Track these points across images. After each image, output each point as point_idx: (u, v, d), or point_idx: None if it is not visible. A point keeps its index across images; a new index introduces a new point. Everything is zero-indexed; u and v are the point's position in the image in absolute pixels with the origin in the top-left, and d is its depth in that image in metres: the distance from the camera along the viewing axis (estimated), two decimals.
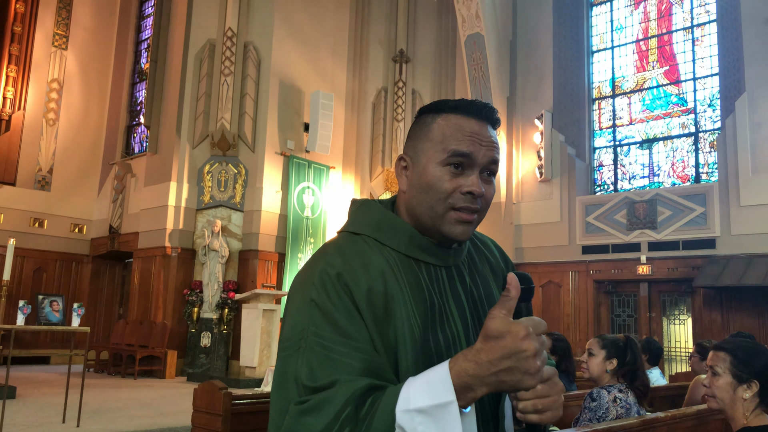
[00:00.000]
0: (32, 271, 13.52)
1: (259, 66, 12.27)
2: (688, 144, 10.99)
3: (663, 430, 2.88)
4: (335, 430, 0.94)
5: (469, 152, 1.13)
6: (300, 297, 1.10)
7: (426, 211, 1.15)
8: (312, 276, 1.10)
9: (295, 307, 1.10)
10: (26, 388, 8.49)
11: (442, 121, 1.16)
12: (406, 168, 1.19)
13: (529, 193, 12.14)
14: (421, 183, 1.15)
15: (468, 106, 1.16)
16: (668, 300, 10.69)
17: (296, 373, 1.03)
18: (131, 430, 5.99)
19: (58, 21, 14.54)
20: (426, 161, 1.15)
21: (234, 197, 11.91)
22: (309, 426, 0.96)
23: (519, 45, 12.75)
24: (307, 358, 1.02)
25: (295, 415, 0.98)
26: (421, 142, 1.17)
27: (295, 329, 1.07)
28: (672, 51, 11.45)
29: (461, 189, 1.13)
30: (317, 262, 1.12)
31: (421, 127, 1.19)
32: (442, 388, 0.93)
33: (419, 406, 0.92)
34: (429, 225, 1.16)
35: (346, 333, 1.04)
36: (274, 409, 1.06)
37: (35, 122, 14.02)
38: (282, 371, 1.06)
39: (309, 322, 1.05)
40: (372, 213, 1.21)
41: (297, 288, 1.13)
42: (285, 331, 1.10)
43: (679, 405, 4.07)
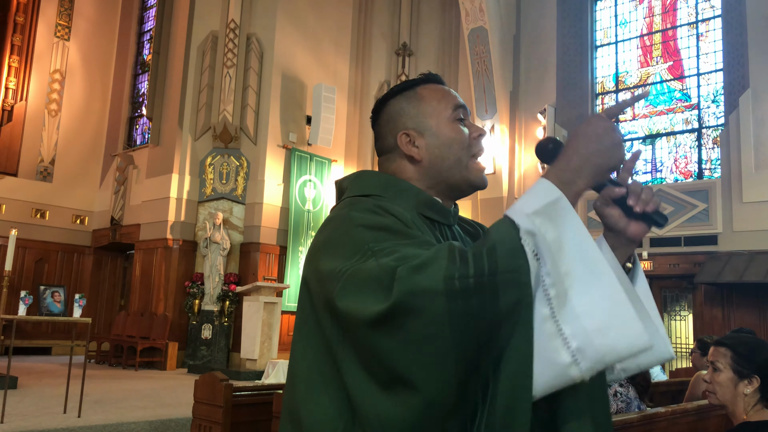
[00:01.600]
0: (34, 262, 13.55)
1: (262, 58, 12.24)
2: (691, 140, 10.96)
3: (663, 425, 2.88)
4: (458, 266, 0.88)
5: (464, 104, 1.24)
6: (341, 237, 1.02)
7: (454, 165, 1.20)
8: (345, 220, 1.05)
9: (334, 246, 1.02)
10: (28, 379, 8.52)
11: (425, 90, 1.24)
12: (412, 141, 1.22)
13: None
14: (442, 141, 1.20)
15: (433, 76, 1.27)
16: (669, 296, 10.69)
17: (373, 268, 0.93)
18: (132, 420, 6.01)
19: (60, 11, 14.51)
20: (436, 123, 1.21)
21: (236, 190, 11.91)
22: (432, 275, 0.87)
23: (522, 39, 12.71)
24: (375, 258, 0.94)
25: (408, 274, 0.88)
26: (420, 110, 1.23)
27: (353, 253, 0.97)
28: (676, 46, 11.40)
29: (473, 135, 1.22)
30: (341, 214, 1.08)
31: (409, 101, 1.24)
32: (547, 189, 0.96)
33: (533, 209, 0.93)
34: (457, 179, 1.21)
35: (413, 235, 1.01)
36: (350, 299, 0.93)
37: (37, 113, 14.02)
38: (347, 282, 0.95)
39: (367, 240, 0.98)
40: (374, 177, 1.22)
41: (330, 239, 1.05)
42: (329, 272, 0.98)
43: (679, 400, 4.08)
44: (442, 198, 1.23)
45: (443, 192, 1.23)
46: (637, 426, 2.72)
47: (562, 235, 0.92)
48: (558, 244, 0.91)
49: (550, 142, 1.08)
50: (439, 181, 1.21)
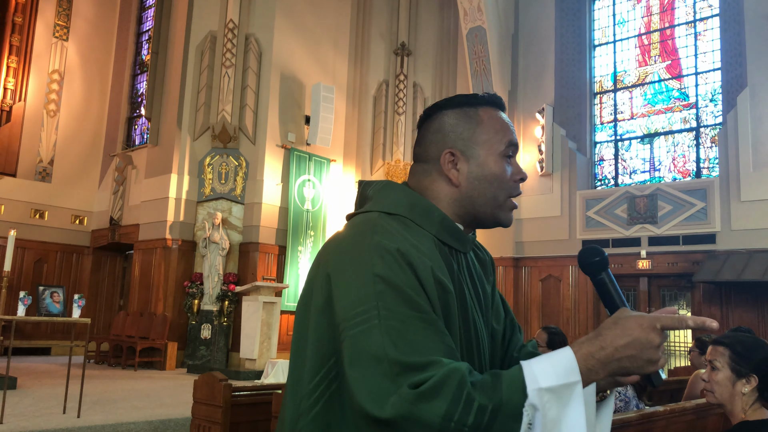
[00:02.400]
0: (33, 262, 13.54)
1: (261, 58, 12.24)
2: (689, 139, 10.98)
3: (662, 423, 2.89)
4: (460, 410, 0.91)
5: (517, 142, 1.23)
6: (358, 271, 1.05)
7: (489, 201, 1.21)
8: (367, 250, 1.06)
9: (354, 282, 1.04)
10: (27, 379, 8.52)
11: (486, 115, 1.23)
12: (455, 162, 1.21)
13: (530, 187, 12.13)
14: (485, 175, 1.20)
15: (499, 101, 1.26)
16: (668, 295, 10.70)
17: (379, 350, 0.97)
18: (132, 420, 6.01)
19: (59, 12, 14.50)
20: (486, 153, 1.21)
21: (235, 190, 11.91)
22: (432, 410, 0.91)
23: (521, 39, 12.72)
24: (388, 334, 0.98)
25: (412, 400, 0.92)
26: (474, 134, 1.21)
27: (362, 305, 1.01)
28: (674, 45, 11.42)
29: (514, 177, 1.22)
30: (365, 237, 1.09)
31: (468, 120, 1.22)
32: (570, 369, 0.95)
33: (548, 385, 0.93)
34: (488, 214, 1.22)
35: (421, 308, 1.02)
36: (357, 384, 0.97)
37: (36, 113, 14.01)
38: (356, 349, 0.99)
39: (377, 297, 1.01)
40: (402, 193, 1.21)
41: (348, 262, 1.07)
42: (346, 308, 1.03)
43: (678, 399, 4.09)
44: (464, 225, 1.24)
45: (467, 221, 1.23)
46: (636, 425, 2.73)
47: (562, 416, 0.94)
48: (556, 423, 0.94)
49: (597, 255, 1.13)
50: (470, 211, 1.22)
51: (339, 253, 1.11)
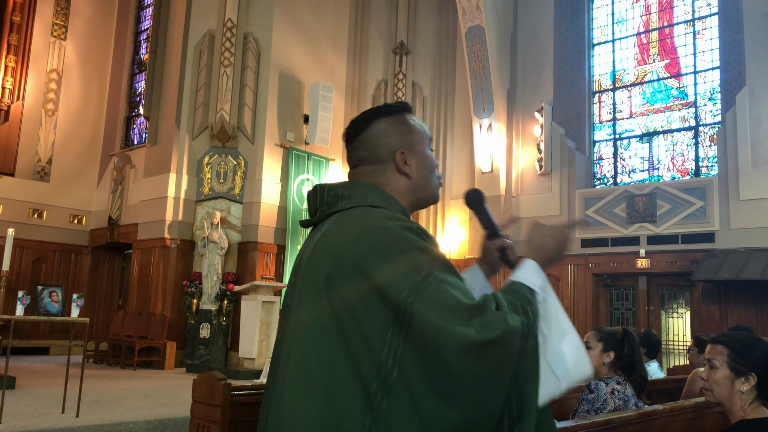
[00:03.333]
0: (31, 261, 13.53)
1: (259, 57, 12.23)
2: (688, 138, 10.98)
3: (661, 422, 2.89)
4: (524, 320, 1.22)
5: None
6: (400, 250, 1.24)
7: (431, 187, 1.49)
8: (397, 231, 1.27)
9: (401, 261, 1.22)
10: (26, 379, 8.51)
11: (410, 119, 1.49)
12: (408, 162, 1.44)
13: (529, 186, 12.14)
14: (427, 166, 1.47)
15: (410, 107, 1.53)
16: (667, 293, 10.71)
17: (452, 301, 1.18)
18: (130, 420, 6.01)
19: (57, 11, 14.48)
20: (422, 149, 1.47)
21: (233, 189, 11.90)
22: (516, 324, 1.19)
23: (520, 37, 12.72)
24: (450, 290, 1.20)
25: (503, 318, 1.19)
26: (411, 136, 1.46)
27: (419, 274, 1.20)
28: (673, 44, 11.42)
29: (435, 164, 1.51)
30: (384, 224, 1.29)
31: (402, 125, 1.47)
32: (539, 271, 1.35)
33: (540, 284, 1.32)
34: (429, 195, 1.49)
35: (452, 266, 1.29)
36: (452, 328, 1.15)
37: (34, 112, 13.99)
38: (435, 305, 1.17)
39: (428, 264, 1.23)
40: (371, 189, 1.41)
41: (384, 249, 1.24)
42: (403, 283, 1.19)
43: (677, 398, 4.09)
44: (410, 212, 1.47)
45: (413, 207, 1.48)
46: (635, 423, 2.73)
47: (549, 304, 1.30)
48: (547, 309, 1.29)
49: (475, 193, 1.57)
50: (419, 197, 1.47)
51: (368, 248, 1.25)
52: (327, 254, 1.28)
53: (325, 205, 1.41)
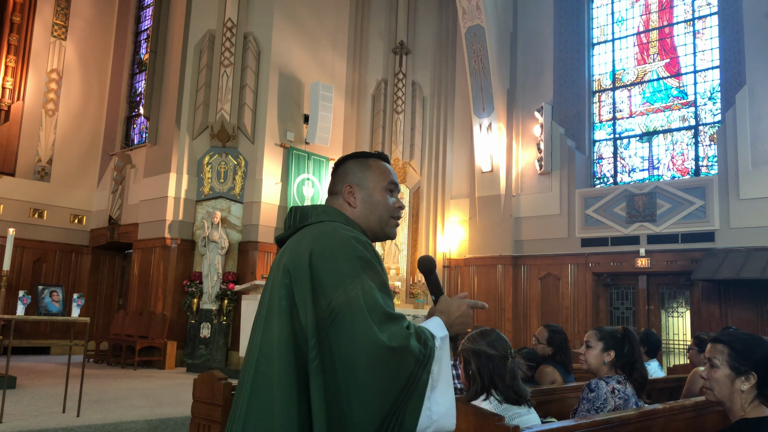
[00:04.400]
0: (32, 261, 13.53)
1: (259, 57, 12.23)
2: (688, 137, 10.99)
3: (661, 421, 2.89)
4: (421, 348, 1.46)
5: (397, 183, 1.80)
6: (341, 252, 1.51)
7: (377, 219, 1.73)
8: (347, 240, 1.54)
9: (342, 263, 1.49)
10: (26, 378, 8.52)
11: (375, 163, 1.79)
12: (355, 195, 1.74)
13: (529, 186, 12.14)
14: (373, 201, 1.74)
15: (385, 156, 1.83)
16: (667, 293, 10.72)
17: (375, 304, 1.44)
18: (131, 420, 6.02)
19: (57, 11, 14.48)
20: (373, 186, 1.75)
21: (234, 189, 11.90)
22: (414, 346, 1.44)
23: (519, 37, 12.72)
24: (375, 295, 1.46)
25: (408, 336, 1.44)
26: (366, 175, 1.76)
27: (353, 277, 1.47)
28: (673, 43, 11.42)
29: (395, 204, 1.77)
30: (340, 232, 1.57)
31: (361, 166, 1.77)
32: (443, 328, 1.61)
33: (441, 335, 1.56)
34: (377, 228, 1.74)
35: (385, 280, 1.53)
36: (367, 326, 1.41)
37: (34, 112, 13.99)
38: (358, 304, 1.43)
39: (362, 270, 1.48)
40: (337, 212, 1.72)
41: (329, 248, 1.52)
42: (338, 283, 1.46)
43: (677, 397, 4.09)
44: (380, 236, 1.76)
45: (369, 235, 1.70)
46: (635, 422, 2.74)
47: (443, 354, 1.51)
48: (440, 357, 1.50)
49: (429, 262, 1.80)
50: (367, 226, 1.72)
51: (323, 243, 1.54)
52: (290, 259, 1.55)
53: (297, 221, 1.69)
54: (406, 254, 13.04)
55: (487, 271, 12.18)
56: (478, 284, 12.29)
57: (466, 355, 2.65)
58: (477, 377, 2.61)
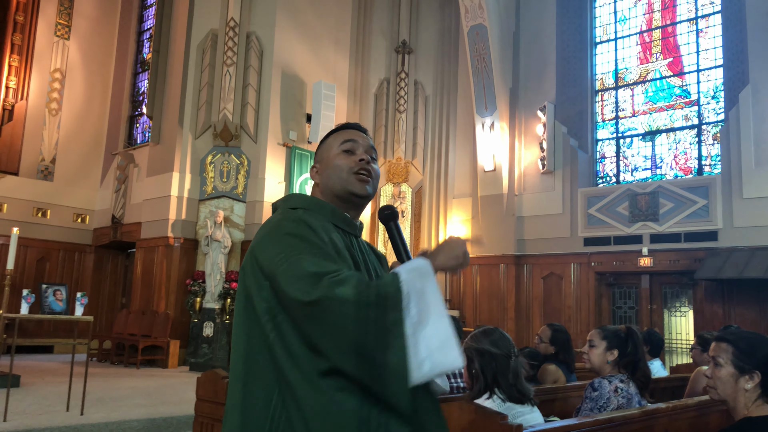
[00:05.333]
0: (35, 260, 13.57)
1: (262, 56, 12.24)
2: (691, 136, 10.97)
3: (664, 420, 2.90)
4: (364, 290, 1.37)
5: (352, 138, 1.70)
6: (273, 237, 1.51)
7: (337, 182, 1.66)
8: (277, 223, 1.54)
9: (272, 244, 1.49)
10: (30, 377, 8.54)
11: (331, 136, 1.75)
12: (318, 171, 1.74)
13: (531, 185, 12.14)
14: (328, 167, 1.69)
15: (343, 125, 1.77)
16: (670, 292, 10.70)
17: (300, 271, 1.41)
18: (134, 418, 6.03)
19: (60, 10, 14.51)
20: (328, 155, 1.71)
21: (236, 188, 11.92)
22: (344, 292, 1.36)
23: (522, 36, 12.71)
24: (303, 261, 1.43)
25: (329, 284, 1.37)
26: (322, 150, 1.75)
27: (282, 252, 1.46)
28: (676, 42, 11.40)
29: (354, 159, 1.67)
30: (273, 219, 1.59)
31: (321, 145, 1.77)
32: (422, 261, 1.48)
33: (410, 268, 1.45)
34: (340, 191, 1.66)
35: (320, 245, 1.48)
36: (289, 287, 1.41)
37: (38, 112, 14.02)
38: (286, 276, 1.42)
39: (290, 244, 1.47)
40: (300, 197, 1.70)
41: (265, 238, 1.53)
42: (270, 260, 1.47)
43: (680, 396, 4.09)
44: (348, 212, 1.68)
45: (340, 203, 1.67)
46: (638, 421, 2.74)
47: (425, 287, 1.43)
48: (422, 291, 1.42)
49: (387, 209, 1.65)
50: (331, 195, 1.68)
51: (258, 238, 1.55)
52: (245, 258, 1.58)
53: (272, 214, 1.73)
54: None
55: (489, 271, 12.18)
56: (480, 283, 12.29)
57: (469, 354, 2.66)
58: (480, 376, 2.61)
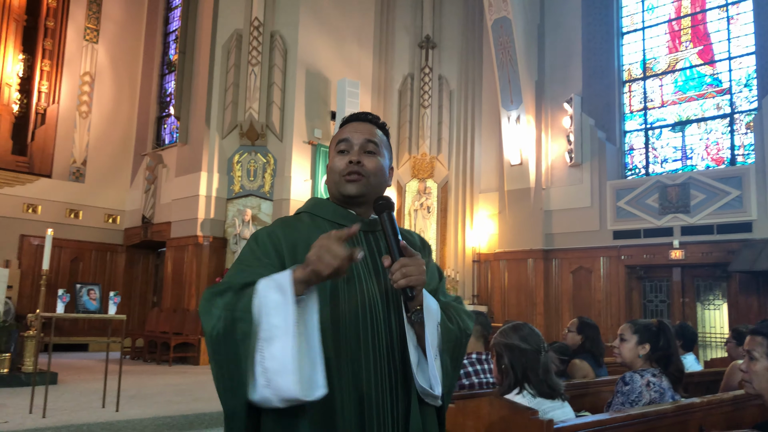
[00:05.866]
0: (69, 260, 13.86)
1: (286, 55, 12.31)
2: (723, 125, 10.74)
3: (699, 415, 2.85)
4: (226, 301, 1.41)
5: (346, 137, 1.67)
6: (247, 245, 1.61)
7: (334, 184, 1.66)
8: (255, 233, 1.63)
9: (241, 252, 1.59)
10: (67, 375, 8.74)
11: (339, 130, 1.72)
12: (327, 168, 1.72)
13: (559, 178, 12.01)
14: (329, 168, 1.69)
15: (348, 118, 1.74)
16: (702, 285, 10.52)
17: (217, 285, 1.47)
18: (168, 414, 6.13)
19: (89, 15, 14.77)
20: (331, 155, 1.70)
21: (263, 186, 12.02)
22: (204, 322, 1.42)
23: (547, 28, 12.57)
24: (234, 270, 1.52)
25: (207, 295, 1.45)
26: (330, 147, 1.72)
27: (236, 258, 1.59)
28: (706, 30, 11.17)
29: (345, 161, 1.64)
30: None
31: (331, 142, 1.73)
32: (286, 274, 1.40)
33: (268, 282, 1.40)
34: (336, 192, 1.66)
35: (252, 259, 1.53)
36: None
37: (69, 115, 14.31)
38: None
39: (241, 254, 1.57)
40: (310, 200, 1.74)
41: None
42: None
43: (714, 391, 4.02)
44: (353, 208, 1.66)
45: (343, 203, 1.67)
46: (672, 416, 2.70)
47: (279, 302, 1.36)
48: (275, 305, 1.36)
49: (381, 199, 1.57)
50: (332, 195, 1.70)
51: None
52: None
53: None
54: (435, 250, 13.01)
55: (517, 266, 12.10)
56: (508, 279, 12.22)
57: (498, 350, 2.65)
58: (509, 371, 2.60)
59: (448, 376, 1.55)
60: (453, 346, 1.56)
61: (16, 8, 13.97)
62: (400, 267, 1.42)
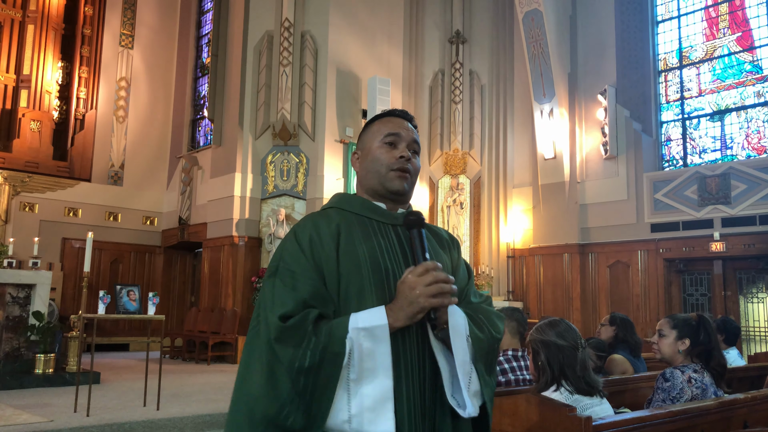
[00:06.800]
0: (109, 262, 14.18)
1: (317, 55, 12.38)
2: (764, 113, 10.43)
3: (743, 411, 2.78)
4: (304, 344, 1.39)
5: (397, 132, 1.64)
6: (281, 245, 1.58)
7: (375, 176, 1.63)
8: (288, 234, 1.59)
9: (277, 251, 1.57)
10: (109, 374, 8.95)
11: (379, 122, 1.69)
12: (359, 158, 1.70)
13: (594, 171, 11.83)
14: (369, 159, 1.65)
15: (390, 112, 1.71)
16: (745, 278, 10.24)
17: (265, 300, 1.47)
18: (208, 412, 6.24)
19: (123, 21, 15.09)
20: (370, 145, 1.66)
21: (296, 186, 12.12)
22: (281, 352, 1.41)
23: (579, 19, 12.37)
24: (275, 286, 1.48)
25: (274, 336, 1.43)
26: (366, 137, 1.69)
27: (274, 260, 1.54)
28: (744, 16, 10.86)
29: (395, 155, 1.62)
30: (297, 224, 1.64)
31: (365, 131, 1.71)
32: (380, 316, 1.42)
33: (363, 326, 1.41)
34: (377, 186, 1.63)
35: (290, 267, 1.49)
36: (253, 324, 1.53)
37: (106, 120, 14.65)
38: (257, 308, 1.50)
39: (275, 266, 1.52)
40: (336, 195, 1.72)
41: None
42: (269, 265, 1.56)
43: (759, 386, 3.92)
44: (384, 202, 1.64)
45: (372, 195, 1.65)
46: (715, 413, 2.64)
47: (374, 348, 1.40)
48: (371, 351, 1.40)
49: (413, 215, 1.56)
50: (369, 186, 1.65)
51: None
52: None
53: None
54: (469, 246, 12.94)
55: (553, 261, 11.96)
56: (544, 274, 12.09)
57: (534, 346, 2.63)
58: (546, 368, 2.57)
59: (486, 384, 1.53)
60: (485, 354, 1.53)
61: (54, 17, 14.35)
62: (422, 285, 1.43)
